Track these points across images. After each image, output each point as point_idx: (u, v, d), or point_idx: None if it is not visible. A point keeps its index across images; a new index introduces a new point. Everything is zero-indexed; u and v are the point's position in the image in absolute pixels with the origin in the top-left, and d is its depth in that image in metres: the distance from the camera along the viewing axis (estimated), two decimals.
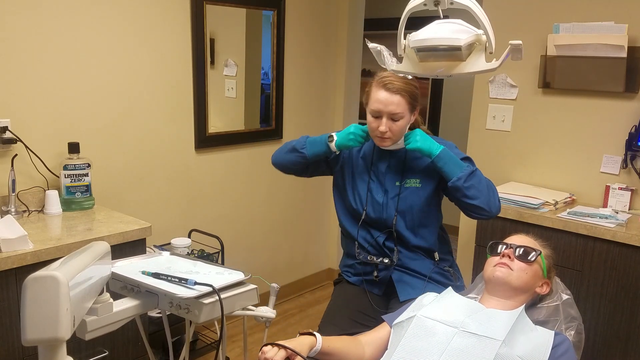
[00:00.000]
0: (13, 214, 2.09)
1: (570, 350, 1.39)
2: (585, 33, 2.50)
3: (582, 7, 2.58)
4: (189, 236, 2.78)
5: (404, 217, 1.89)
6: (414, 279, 1.91)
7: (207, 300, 1.26)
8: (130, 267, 1.43)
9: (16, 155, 2.16)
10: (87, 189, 2.29)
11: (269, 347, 1.35)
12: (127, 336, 2.10)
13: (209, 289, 1.27)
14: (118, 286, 1.39)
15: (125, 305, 1.28)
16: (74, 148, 2.26)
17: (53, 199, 2.18)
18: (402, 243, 1.92)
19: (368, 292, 1.96)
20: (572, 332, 1.51)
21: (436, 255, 1.95)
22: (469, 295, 1.68)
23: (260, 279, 1.53)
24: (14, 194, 2.12)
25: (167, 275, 1.34)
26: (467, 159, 1.87)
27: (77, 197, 2.26)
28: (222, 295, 1.28)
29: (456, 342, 1.36)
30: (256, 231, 3.26)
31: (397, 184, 1.90)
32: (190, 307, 1.26)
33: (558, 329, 1.50)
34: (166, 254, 1.61)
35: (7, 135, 2.13)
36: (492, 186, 1.83)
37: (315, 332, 1.45)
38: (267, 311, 1.45)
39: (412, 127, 1.88)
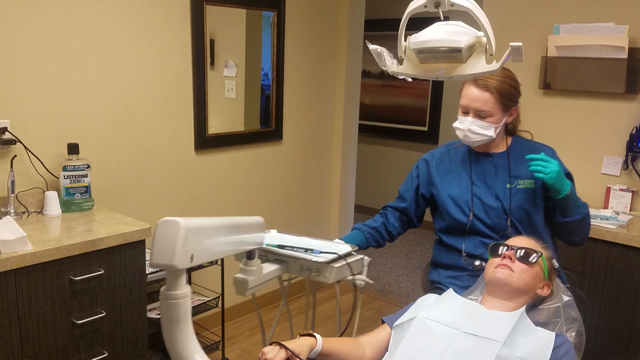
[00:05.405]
0: (12, 215, 2.08)
1: (571, 352, 1.39)
2: (586, 34, 2.50)
3: (583, 8, 2.58)
4: None
5: (521, 220, 1.78)
6: None
7: (336, 265, 1.53)
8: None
9: (15, 156, 2.15)
10: (87, 190, 2.28)
11: (270, 347, 1.35)
12: (126, 337, 2.09)
13: (336, 255, 1.55)
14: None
15: (269, 269, 1.54)
16: (73, 149, 2.25)
17: (52, 200, 2.18)
18: None
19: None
20: (573, 334, 1.50)
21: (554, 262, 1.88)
22: (469, 297, 1.67)
23: (355, 254, 1.66)
24: (13, 195, 2.12)
25: (292, 247, 1.61)
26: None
27: (77, 198, 2.26)
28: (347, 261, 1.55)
29: (457, 343, 1.36)
30: None
31: (508, 186, 1.78)
32: (321, 271, 1.54)
33: (559, 330, 1.50)
34: (274, 231, 1.81)
35: (7, 136, 2.13)
36: (589, 222, 1.79)
37: (315, 333, 1.44)
38: (366, 279, 1.65)
39: (507, 131, 1.82)
